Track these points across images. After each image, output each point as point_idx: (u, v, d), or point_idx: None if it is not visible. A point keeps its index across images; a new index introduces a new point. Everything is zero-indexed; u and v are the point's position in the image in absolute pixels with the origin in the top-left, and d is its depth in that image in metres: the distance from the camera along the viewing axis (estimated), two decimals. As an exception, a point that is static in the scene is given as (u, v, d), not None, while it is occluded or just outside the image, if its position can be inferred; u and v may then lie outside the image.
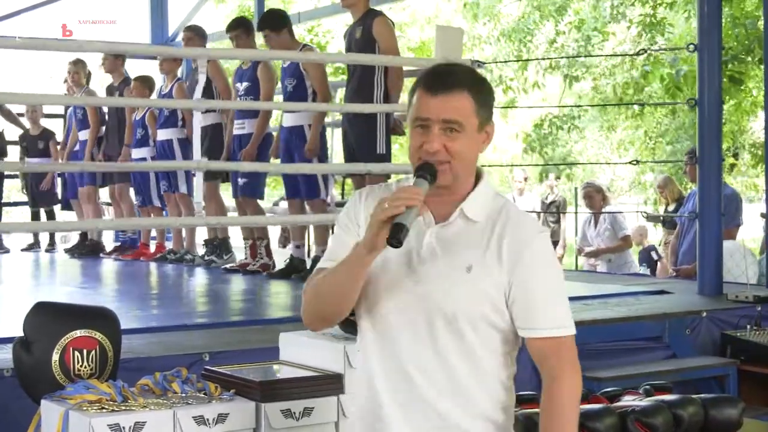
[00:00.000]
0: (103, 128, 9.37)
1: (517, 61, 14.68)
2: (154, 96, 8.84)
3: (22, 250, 10.37)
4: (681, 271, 7.81)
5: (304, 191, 6.97)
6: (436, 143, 2.27)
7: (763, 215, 10.29)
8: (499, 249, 2.30)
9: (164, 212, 9.02)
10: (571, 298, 6.51)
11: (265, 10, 10.39)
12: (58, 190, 10.48)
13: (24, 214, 11.28)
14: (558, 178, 13.90)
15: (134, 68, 9.75)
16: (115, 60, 9.06)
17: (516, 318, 2.31)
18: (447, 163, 2.28)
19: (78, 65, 9.30)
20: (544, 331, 2.31)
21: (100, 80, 10.67)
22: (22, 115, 10.37)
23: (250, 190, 7.53)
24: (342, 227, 2.41)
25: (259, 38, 7.81)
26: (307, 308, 2.36)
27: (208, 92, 7.65)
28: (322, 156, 7.11)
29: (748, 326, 5.47)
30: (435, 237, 2.31)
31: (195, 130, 5.77)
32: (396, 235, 2.15)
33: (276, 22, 7.14)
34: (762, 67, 9.69)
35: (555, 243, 12.57)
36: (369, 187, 2.48)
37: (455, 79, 2.32)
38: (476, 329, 2.29)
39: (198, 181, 5.63)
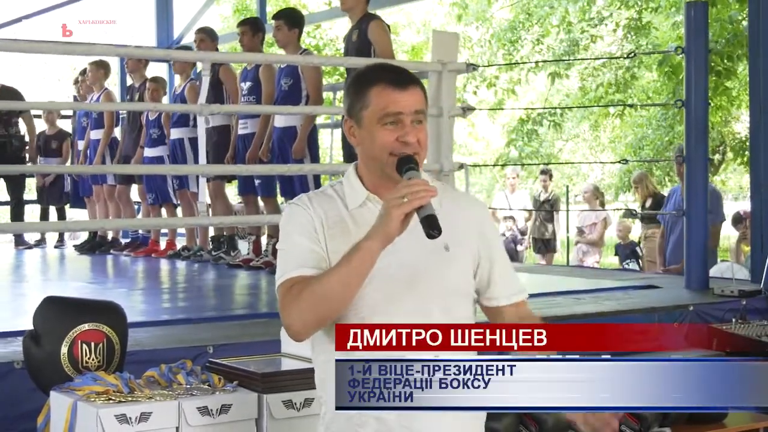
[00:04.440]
0: (117, 129, 9.49)
1: (508, 64, 14.72)
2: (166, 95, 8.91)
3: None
4: (670, 270, 7.89)
5: (298, 190, 7.01)
6: (413, 135, 2.30)
7: (744, 213, 10.43)
8: (463, 225, 2.37)
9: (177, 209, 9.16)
10: (564, 293, 6.56)
11: (268, 11, 10.54)
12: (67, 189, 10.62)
13: (35, 212, 11.40)
14: (546, 177, 13.82)
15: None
16: (137, 62, 9.14)
17: (487, 289, 2.44)
18: (417, 154, 2.31)
19: (98, 65, 9.37)
20: (520, 294, 2.48)
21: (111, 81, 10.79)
22: (39, 116, 10.51)
23: (267, 189, 7.56)
24: (302, 236, 2.34)
25: (263, 39, 7.98)
26: (302, 316, 2.25)
27: (218, 94, 7.81)
28: (314, 156, 7.18)
29: (734, 319, 5.52)
30: None
31: (200, 133, 5.91)
32: (436, 225, 2.16)
33: (293, 18, 7.34)
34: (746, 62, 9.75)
35: (548, 241, 12.61)
36: (304, 196, 2.43)
37: (410, 74, 2.38)
38: (460, 303, 2.39)
39: (201, 183, 5.77)
